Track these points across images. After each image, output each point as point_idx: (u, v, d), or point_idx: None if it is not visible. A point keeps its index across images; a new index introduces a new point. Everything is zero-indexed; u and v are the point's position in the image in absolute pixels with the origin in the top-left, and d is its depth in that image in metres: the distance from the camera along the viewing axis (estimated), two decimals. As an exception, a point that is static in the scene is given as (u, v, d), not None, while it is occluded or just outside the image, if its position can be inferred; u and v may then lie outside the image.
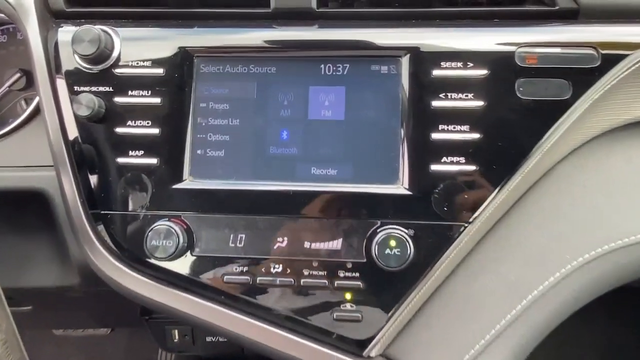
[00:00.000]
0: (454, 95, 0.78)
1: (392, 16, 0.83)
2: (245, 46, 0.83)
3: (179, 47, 0.82)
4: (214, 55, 0.83)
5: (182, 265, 0.81)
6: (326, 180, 0.79)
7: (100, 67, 0.82)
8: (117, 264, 0.82)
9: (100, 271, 0.83)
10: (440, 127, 0.78)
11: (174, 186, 0.81)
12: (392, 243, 0.75)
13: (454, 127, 0.77)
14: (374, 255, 0.76)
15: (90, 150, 0.83)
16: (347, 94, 0.80)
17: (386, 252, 0.75)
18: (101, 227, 0.83)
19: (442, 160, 0.77)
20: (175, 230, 0.78)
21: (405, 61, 0.79)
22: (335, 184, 0.79)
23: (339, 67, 0.81)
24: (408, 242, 0.75)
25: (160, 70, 0.82)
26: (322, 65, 0.81)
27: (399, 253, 0.75)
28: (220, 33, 0.84)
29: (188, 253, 0.80)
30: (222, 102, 0.82)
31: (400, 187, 0.78)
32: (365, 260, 0.78)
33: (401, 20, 0.82)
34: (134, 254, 0.82)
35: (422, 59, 0.79)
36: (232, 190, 0.80)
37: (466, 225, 0.77)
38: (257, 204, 0.80)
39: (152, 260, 0.80)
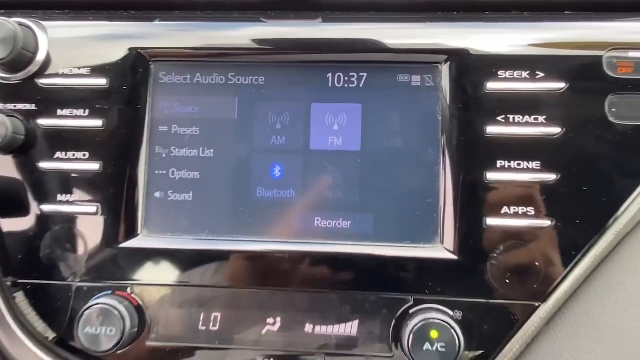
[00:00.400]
0: (518, 118, 0.65)
1: (425, 6, 0.70)
2: (222, 47, 0.71)
3: (130, 49, 0.70)
4: (179, 60, 0.71)
5: (132, 359, 0.68)
6: (336, 237, 0.67)
7: (20, 76, 0.70)
8: (39, 353, 0.68)
9: (17, 363, 0.71)
10: (499, 163, 0.65)
11: (122, 245, 0.68)
12: (434, 334, 0.61)
13: (519, 164, 0.64)
14: (407, 350, 0.61)
15: (5, 193, 0.69)
16: (364, 115, 0.68)
17: (425, 347, 0.60)
18: (20, 299, 0.69)
19: (502, 212, 0.64)
20: (119, 311, 0.63)
21: (445, 70, 0.67)
22: (348, 241, 0.67)
23: (353, 76, 0.69)
24: (455, 331, 0.60)
25: (102, 81, 0.70)
26: (330, 75, 0.69)
27: (443, 349, 0.60)
28: (188, 29, 0.71)
29: (139, 341, 0.67)
30: (190, 124, 0.70)
31: (441, 248, 0.65)
32: (392, 355, 0.65)
33: (437, 13, 0.70)
34: (63, 342, 0.68)
35: (471, 67, 0.67)
36: (203, 251, 0.67)
37: (537, 305, 0.63)
38: (237, 271, 0.67)
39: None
